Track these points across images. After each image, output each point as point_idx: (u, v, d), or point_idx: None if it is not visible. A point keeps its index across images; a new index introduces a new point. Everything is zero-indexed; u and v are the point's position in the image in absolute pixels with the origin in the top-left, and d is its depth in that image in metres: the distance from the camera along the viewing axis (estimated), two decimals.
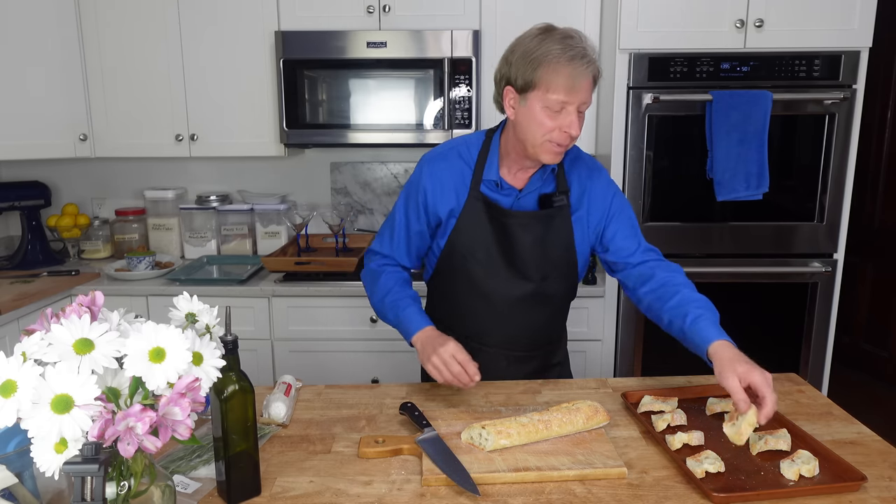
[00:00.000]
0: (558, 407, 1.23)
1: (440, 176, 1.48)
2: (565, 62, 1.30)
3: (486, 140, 1.50)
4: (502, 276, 1.48)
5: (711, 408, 1.31)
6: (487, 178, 1.46)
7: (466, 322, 1.54)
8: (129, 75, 2.60)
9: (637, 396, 1.36)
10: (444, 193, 1.48)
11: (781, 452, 1.15)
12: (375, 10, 2.51)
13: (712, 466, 1.07)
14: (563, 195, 1.48)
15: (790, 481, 1.06)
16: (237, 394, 1.01)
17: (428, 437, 1.18)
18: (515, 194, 1.47)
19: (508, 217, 1.46)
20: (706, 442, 1.18)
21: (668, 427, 1.23)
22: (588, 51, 1.33)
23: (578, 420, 1.20)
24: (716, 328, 1.29)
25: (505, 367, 1.55)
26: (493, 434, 1.14)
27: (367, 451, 1.17)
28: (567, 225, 1.49)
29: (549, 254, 1.48)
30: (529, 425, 1.16)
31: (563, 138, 1.35)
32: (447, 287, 1.56)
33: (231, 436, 1.01)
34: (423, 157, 1.53)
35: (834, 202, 2.40)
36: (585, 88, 1.33)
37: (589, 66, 1.32)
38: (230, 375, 1.00)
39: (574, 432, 1.20)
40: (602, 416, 1.22)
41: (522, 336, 1.55)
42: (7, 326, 2.18)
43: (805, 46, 2.30)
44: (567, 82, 1.30)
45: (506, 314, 1.51)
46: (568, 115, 1.33)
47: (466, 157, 1.49)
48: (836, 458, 1.10)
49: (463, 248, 1.48)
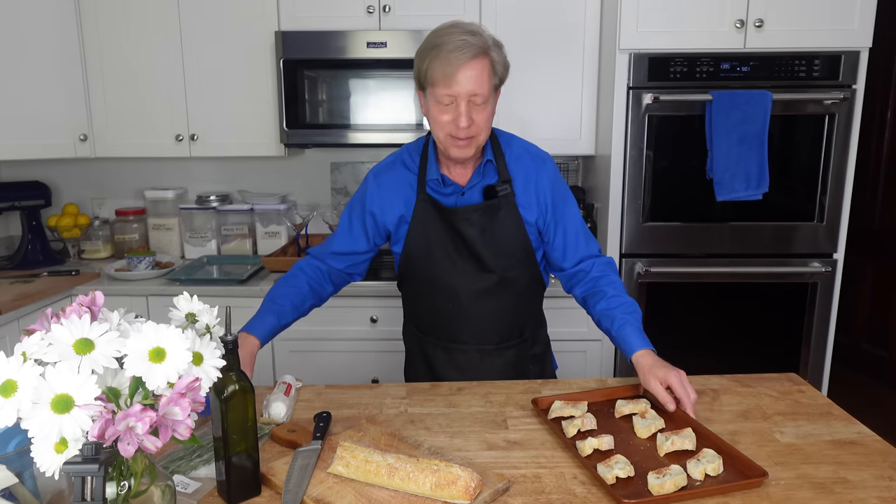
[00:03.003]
0: (430, 461, 1.05)
1: (386, 186, 1.53)
2: (444, 55, 1.33)
3: (425, 143, 1.53)
4: (462, 271, 1.51)
5: (620, 410, 1.31)
6: (430, 177, 1.49)
7: (436, 321, 1.58)
8: (129, 75, 2.60)
9: (547, 402, 1.34)
10: (392, 203, 1.52)
11: (688, 452, 1.15)
12: (375, 10, 2.51)
13: (622, 471, 1.06)
14: (507, 184, 1.49)
15: (697, 481, 1.06)
16: (237, 394, 1.00)
17: (305, 450, 1.15)
18: (459, 190, 1.50)
19: (452, 214, 1.49)
20: (616, 446, 1.18)
21: (578, 433, 1.22)
22: (470, 41, 1.33)
23: (425, 483, 1.01)
24: (639, 335, 1.39)
25: (479, 362, 1.57)
26: (338, 458, 1.08)
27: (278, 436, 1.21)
28: (515, 214, 1.50)
29: (501, 243, 1.50)
30: (373, 464, 1.05)
31: (458, 132, 1.36)
32: (414, 290, 1.61)
33: (231, 436, 1.01)
34: (369, 171, 1.57)
35: (834, 202, 2.40)
36: (469, 79, 1.33)
37: (466, 55, 1.32)
38: (230, 375, 0.99)
39: (420, 494, 1.02)
40: (460, 493, 1.00)
41: (489, 330, 1.56)
42: (7, 326, 2.18)
43: (805, 46, 2.30)
44: (445, 75, 1.33)
45: (471, 309, 1.53)
46: (457, 107, 1.35)
47: (410, 164, 1.54)
48: (739, 454, 1.11)
49: (419, 251, 1.52)
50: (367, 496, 1.02)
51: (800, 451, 1.18)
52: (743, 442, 1.22)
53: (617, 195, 2.42)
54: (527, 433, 1.25)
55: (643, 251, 2.44)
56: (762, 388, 1.47)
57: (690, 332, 2.49)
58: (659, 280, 2.44)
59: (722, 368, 1.57)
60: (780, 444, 1.21)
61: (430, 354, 1.61)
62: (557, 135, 2.62)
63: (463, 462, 1.10)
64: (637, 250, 2.44)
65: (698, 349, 2.48)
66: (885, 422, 2.20)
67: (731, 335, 2.50)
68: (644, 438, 1.21)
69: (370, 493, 1.03)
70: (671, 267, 2.43)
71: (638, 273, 2.42)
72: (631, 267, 2.44)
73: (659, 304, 2.45)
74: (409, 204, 1.52)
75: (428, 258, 1.51)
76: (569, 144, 2.64)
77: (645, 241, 2.44)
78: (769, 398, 1.41)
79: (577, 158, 2.93)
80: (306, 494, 1.02)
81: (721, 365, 1.67)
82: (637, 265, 2.42)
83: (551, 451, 1.19)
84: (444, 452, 1.17)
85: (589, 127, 2.61)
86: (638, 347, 1.37)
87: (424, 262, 1.52)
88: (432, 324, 1.59)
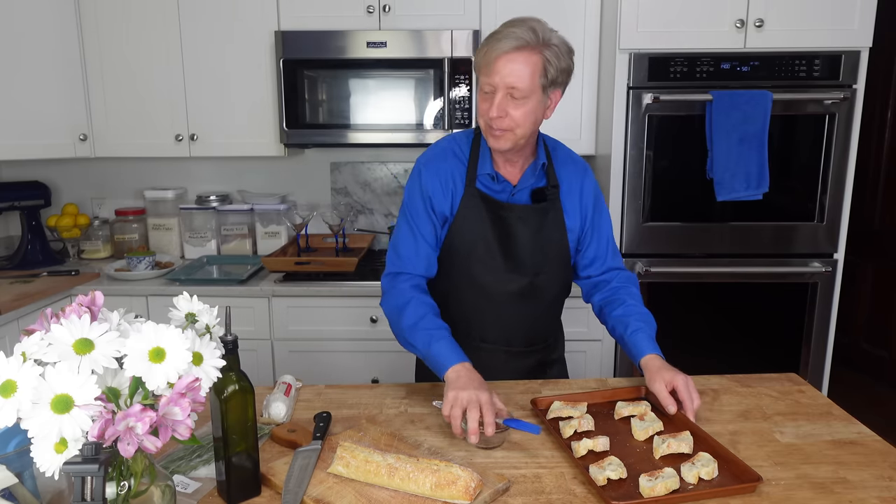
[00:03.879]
0: (430, 461, 1.05)
1: (440, 175, 1.49)
2: (491, 43, 1.34)
3: (475, 137, 1.51)
4: (499, 270, 1.49)
5: (619, 412, 1.31)
6: (482, 172, 1.47)
7: (466, 319, 1.54)
8: (129, 75, 2.60)
9: (546, 402, 1.34)
10: (443, 191, 1.48)
11: (684, 455, 1.15)
12: (375, 10, 2.51)
13: (614, 473, 1.06)
14: (554, 189, 1.50)
15: (690, 485, 1.05)
16: (237, 394, 1.00)
17: (305, 450, 1.15)
18: (510, 189, 1.48)
19: (506, 210, 1.47)
20: (612, 447, 1.17)
21: (574, 433, 1.22)
22: (519, 34, 1.31)
23: (425, 483, 1.02)
24: (650, 342, 1.41)
25: (503, 364, 1.56)
26: (338, 458, 1.08)
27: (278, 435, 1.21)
28: (560, 218, 1.51)
29: (545, 247, 1.50)
30: (373, 464, 1.05)
31: (494, 121, 1.37)
32: (445, 285, 1.55)
33: (231, 436, 1.01)
34: (418, 161, 1.54)
35: (834, 202, 2.40)
36: (508, 71, 1.32)
37: (509, 45, 1.30)
38: (230, 375, 0.99)
39: (420, 494, 1.02)
40: (460, 493, 1.00)
41: (519, 332, 1.55)
42: (7, 326, 2.18)
43: (805, 46, 2.30)
44: (487, 63, 1.34)
45: (503, 310, 1.52)
46: (493, 97, 1.35)
47: (460, 155, 1.51)
48: (735, 459, 1.10)
49: (462, 244, 1.49)
50: (367, 496, 1.02)
51: (800, 451, 1.18)
52: (743, 442, 1.22)
53: (617, 195, 2.42)
54: (527, 433, 1.25)
55: (643, 251, 2.44)
56: (762, 388, 1.47)
57: (690, 331, 2.49)
58: (659, 280, 2.44)
59: (722, 368, 1.57)
60: (780, 444, 1.21)
61: None
62: (557, 134, 2.56)
63: (463, 462, 1.10)
64: (637, 250, 2.44)
65: (698, 349, 2.48)
66: (885, 422, 2.20)
67: (731, 335, 2.50)
68: (641, 441, 1.21)
69: (370, 493, 1.03)
70: (671, 267, 2.43)
71: (638, 273, 2.42)
72: (631, 267, 2.43)
73: (659, 304, 2.45)
74: (456, 196, 1.48)
75: (470, 253, 1.48)
76: (569, 144, 2.56)
77: (645, 241, 2.44)
78: (769, 398, 1.41)
79: None
80: (306, 494, 1.02)
81: (721, 365, 1.67)
82: (637, 265, 2.42)
83: (551, 451, 1.19)
84: (444, 452, 1.17)
85: (589, 127, 2.61)
86: (648, 351, 1.39)
87: (465, 258, 1.49)
88: (461, 320, 1.52)
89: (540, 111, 1.40)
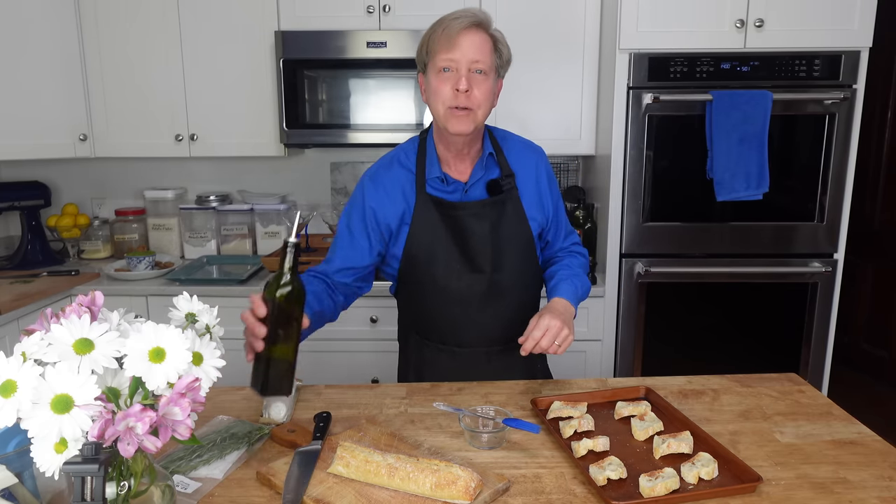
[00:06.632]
0: (430, 461, 1.05)
1: (384, 187, 1.49)
2: (446, 23, 1.37)
3: (420, 143, 1.52)
4: (460, 273, 1.48)
5: (619, 412, 1.31)
6: (431, 176, 1.47)
7: (439, 326, 1.53)
8: (129, 75, 2.60)
9: (546, 402, 1.34)
10: (391, 202, 1.48)
11: (684, 455, 1.14)
12: (375, 10, 2.51)
13: (614, 473, 1.06)
14: (510, 178, 1.49)
15: (689, 485, 1.05)
16: (291, 294, 1.07)
17: (305, 450, 1.15)
18: (462, 188, 1.48)
19: (459, 209, 1.46)
20: (612, 447, 1.17)
21: (574, 433, 1.22)
22: (471, 12, 1.38)
23: (425, 483, 1.02)
24: (566, 290, 1.46)
25: (487, 364, 1.54)
26: (338, 458, 1.08)
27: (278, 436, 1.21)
28: (519, 208, 1.50)
29: (503, 241, 1.48)
30: (373, 464, 1.05)
31: (458, 99, 1.36)
32: (413, 295, 1.55)
33: (277, 330, 1.07)
34: (363, 174, 1.54)
35: (834, 202, 2.40)
36: (470, 45, 1.35)
37: (467, 22, 1.36)
38: (289, 276, 1.08)
39: (420, 495, 1.02)
40: (460, 493, 1.00)
41: (495, 332, 1.53)
42: (7, 326, 2.18)
43: (805, 46, 2.30)
44: (448, 39, 1.35)
45: (472, 312, 1.50)
46: (457, 73, 1.36)
47: (406, 163, 1.50)
48: (735, 459, 1.10)
49: (421, 251, 1.48)
50: (367, 496, 1.02)
51: (800, 451, 1.18)
52: (743, 442, 1.22)
53: (617, 195, 2.42)
54: (527, 433, 1.25)
55: (643, 251, 2.44)
56: (762, 388, 1.47)
57: (690, 332, 2.49)
58: (659, 280, 2.44)
59: (722, 368, 1.57)
60: (780, 444, 1.21)
61: (432, 359, 1.56)
62: (557, 135, 2.62)
63: (463, 462, 1.10)
64: (637, 250, 2.44)
65: (698, 349, 2.48)
66: (885, 422, 2.20)
67: (731, 335, 2.50)
68: (641, 441, 1.21)
69: (370, 493, 1.03)
70: (671, 267, 2.43)
71: (638, 273, 2.42)
72: (631, 267, 2.44)
73: (659, 305, 2.45)
74: (408, 204, 1.48)
75: (431, 260, 1.47)
76: (569, 144, 2.64)
77: (645, 241, 2.44)
78: (769, 398, 1.41)
79: (577, 158, 2.93)
80: (306, 494, 1.02)
81: (721, 365, 1.67)
82: (637, 265, 2.42)
83: (551, 451, 1.19)
84: (444, 452, 1.17)
85: (589, 127, 2.61)
86: (559, 294, 1.44)
87: (427, 264, 1.48)
88: (435, 328, 1.54)
89: (494, 95, 1.43)
